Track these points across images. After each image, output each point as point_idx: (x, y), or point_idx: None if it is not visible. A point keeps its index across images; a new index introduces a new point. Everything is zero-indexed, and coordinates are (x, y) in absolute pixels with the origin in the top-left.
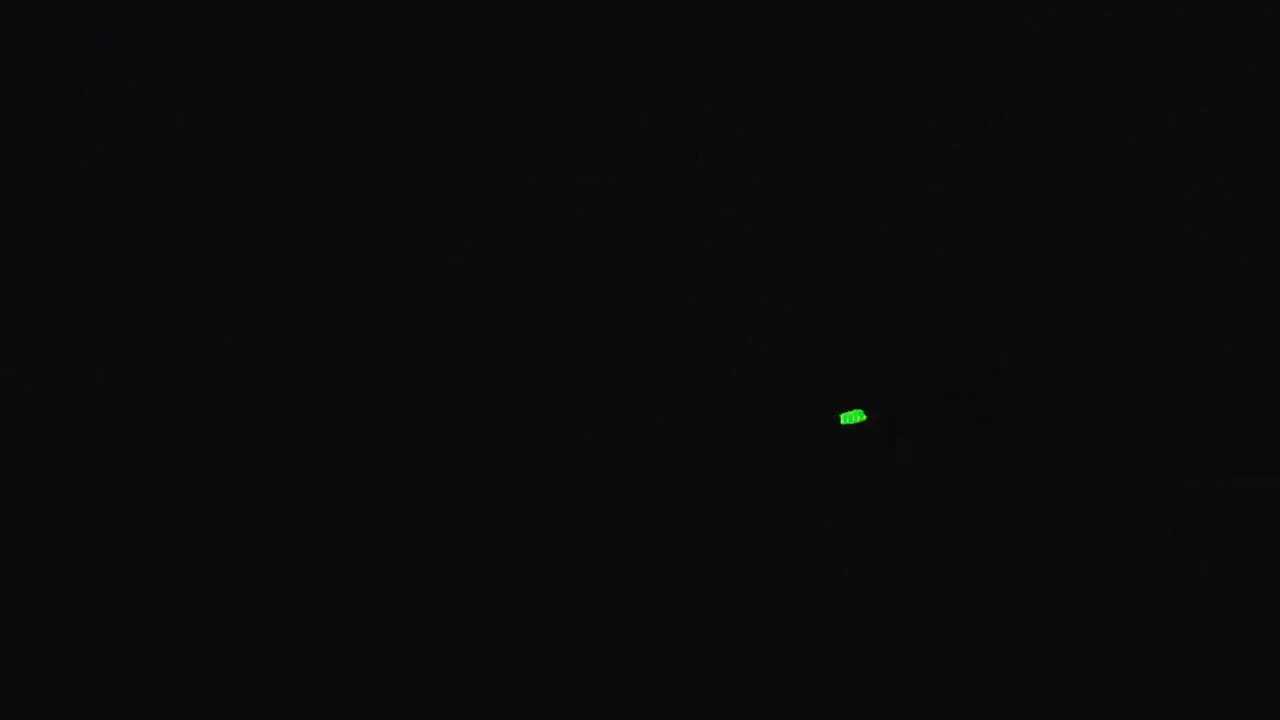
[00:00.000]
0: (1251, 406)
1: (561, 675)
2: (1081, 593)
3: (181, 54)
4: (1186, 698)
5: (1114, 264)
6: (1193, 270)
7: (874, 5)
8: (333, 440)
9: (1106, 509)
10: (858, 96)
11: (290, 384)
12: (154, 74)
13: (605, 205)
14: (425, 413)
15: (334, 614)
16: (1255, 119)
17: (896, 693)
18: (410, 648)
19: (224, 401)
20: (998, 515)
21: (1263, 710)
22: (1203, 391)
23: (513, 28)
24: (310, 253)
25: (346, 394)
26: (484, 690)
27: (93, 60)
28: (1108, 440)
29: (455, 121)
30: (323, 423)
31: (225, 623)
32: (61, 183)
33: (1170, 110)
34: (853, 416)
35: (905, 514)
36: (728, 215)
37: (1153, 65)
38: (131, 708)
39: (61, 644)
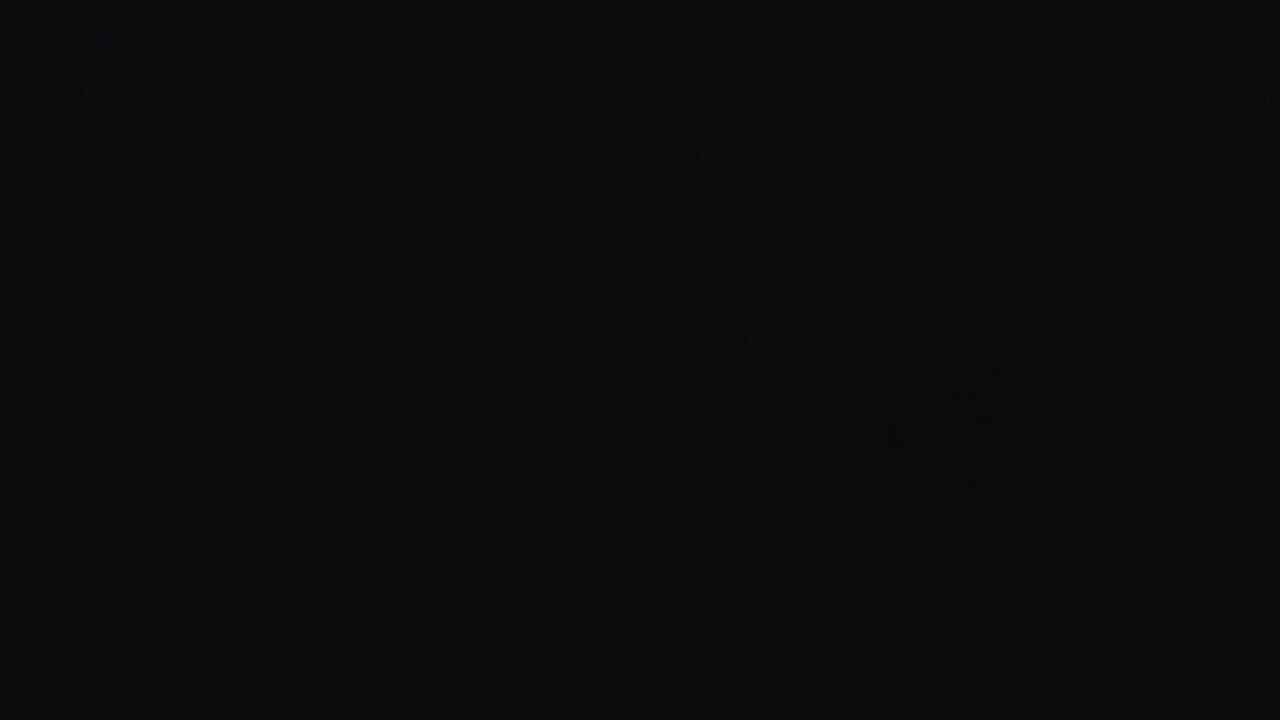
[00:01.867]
0: (1251, 406)
1: (561, 677)
2: (1081, 593)
3: (181, 54)
4: (1187, 698)
5: (1114, 264)
6: (1192, 270)
7: (874, 5)
8: (333, 440)
9: (1107, 509)
10: (858, 96)
11: (290, 384)
12: (154, 74)
13: (605, 205)
14: (425, 413)
15: (333, 614)
16: (1255, 119)
17: (897, 693)
18: (409, 648)
19: (224, 401)
20: (998, 516)
21: (1263, 710)
22: (1203, 392)
23: (512, 27)
24: (310, 253)
25: (346, 394)
26: (483, 691)
27: (93, 60)
28: (1108, 441)
29: (455, 121)
30: (323, 423)
31: (225, 622)
32: (61, 183)
33: (1170, 110)
34: None
35: (905, 514)
36: (728, 215)
37: (1153, 65)
38: (131, 708)
39: (61, 644)
